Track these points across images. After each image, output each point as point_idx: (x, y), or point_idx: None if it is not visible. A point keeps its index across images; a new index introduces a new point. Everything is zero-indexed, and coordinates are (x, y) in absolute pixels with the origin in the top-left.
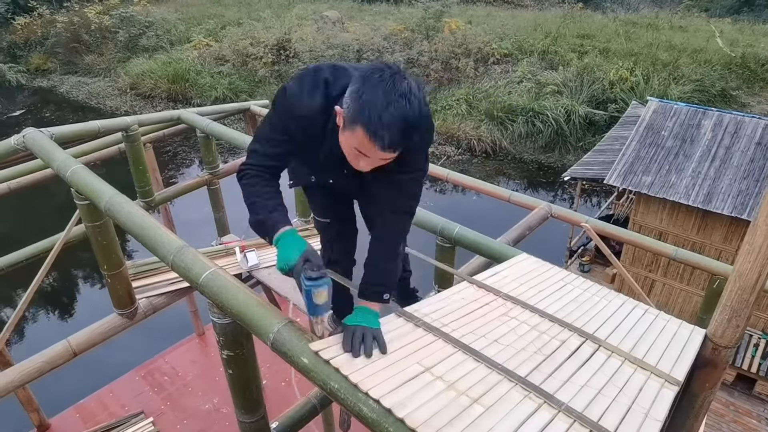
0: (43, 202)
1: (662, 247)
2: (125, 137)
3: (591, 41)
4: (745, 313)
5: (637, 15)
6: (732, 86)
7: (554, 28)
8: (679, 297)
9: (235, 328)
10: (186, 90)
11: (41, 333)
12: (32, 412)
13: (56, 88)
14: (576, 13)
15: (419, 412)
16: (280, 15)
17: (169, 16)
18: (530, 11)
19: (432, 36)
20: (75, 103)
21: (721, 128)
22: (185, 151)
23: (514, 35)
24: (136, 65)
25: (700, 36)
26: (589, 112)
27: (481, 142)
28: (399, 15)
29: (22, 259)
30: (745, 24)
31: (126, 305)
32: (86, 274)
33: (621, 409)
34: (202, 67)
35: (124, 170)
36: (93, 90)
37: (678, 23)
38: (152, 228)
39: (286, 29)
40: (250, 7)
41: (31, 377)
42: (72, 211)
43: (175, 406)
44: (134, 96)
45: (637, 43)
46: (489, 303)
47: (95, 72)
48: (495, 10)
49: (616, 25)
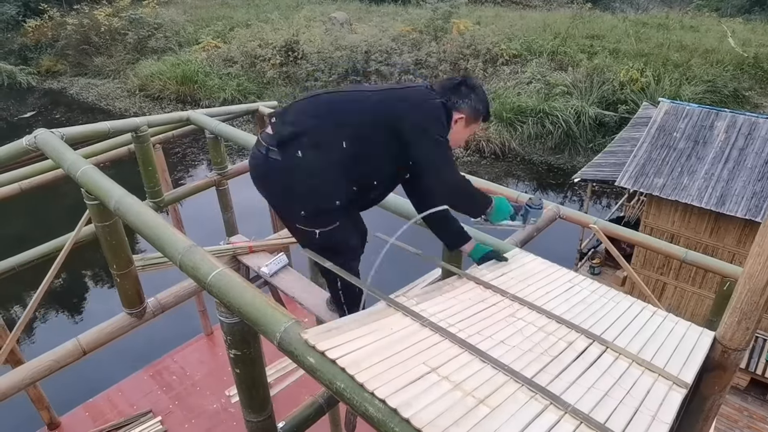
0: (54, 202)
1: (672, 249)
2: (135, 138)
3: (601, 42)
4: (755, 315)
5: (647, 15)
6: (744, 87)
7: (563, 28)
8: (691, 300)
9: (242, 327)
10: (194, 91)
11: (51, 332)
12: (42, 410)
13: (66, 90)
14: (585, 14)
15: (425, 412)
16: (288, 16)
17: (177, 17)
18: (539, 11)
19: (440, 37)
20: (85, 105)
21: (734, 129)
22: (194, 153)
23: (523, 36)
24: (145, 67)
25: (711, 36)
26: (599, 113)
27: (491, 144)
28: (407, 16)
29: (33, 258)
30: (758, 23)
31: (135, 305)
32: (96, 274)
33: (628, 411)
34: (211, 68)
35: (133, 171)
36: (102, 91)
37: (689, 23)
38: (161, 228)
39: (294, 31)
40: (258, 9)
41: (42, 375)
42: (82, 211)
43: (183, 406)
44: (143, 97)
45: (647, 43)
46: (496, 304)
47: (105, 74)
48: (503, 11)
49: (626, 25)
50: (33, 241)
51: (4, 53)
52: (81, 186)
